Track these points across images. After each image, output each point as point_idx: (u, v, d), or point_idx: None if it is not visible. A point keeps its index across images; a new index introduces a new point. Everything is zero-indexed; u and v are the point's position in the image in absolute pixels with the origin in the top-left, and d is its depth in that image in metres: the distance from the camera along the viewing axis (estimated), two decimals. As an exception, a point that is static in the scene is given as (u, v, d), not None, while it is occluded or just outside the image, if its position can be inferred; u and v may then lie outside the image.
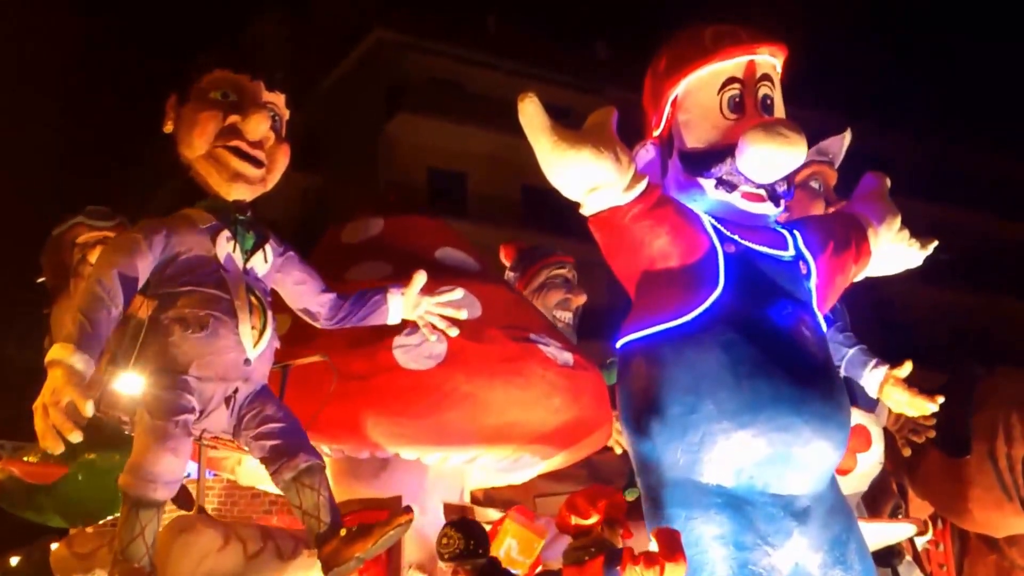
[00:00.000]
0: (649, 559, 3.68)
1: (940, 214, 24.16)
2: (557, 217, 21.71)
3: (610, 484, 5.07)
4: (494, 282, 5.51)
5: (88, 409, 3.31)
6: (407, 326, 4.59)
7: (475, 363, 4.78)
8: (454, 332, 4.16)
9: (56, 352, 3.39)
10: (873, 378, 4.77)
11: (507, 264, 6.82)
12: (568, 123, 4.32)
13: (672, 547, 3.72)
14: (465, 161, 24.01)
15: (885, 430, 5.45)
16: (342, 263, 5.17)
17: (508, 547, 4.70)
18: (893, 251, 4.84)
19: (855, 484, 5.23)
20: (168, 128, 3.98)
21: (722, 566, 4.01)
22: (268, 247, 3.98)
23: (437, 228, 5.79)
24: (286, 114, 4.07)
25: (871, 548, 4.50)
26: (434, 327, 4.14)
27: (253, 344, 3.79)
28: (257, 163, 3.92)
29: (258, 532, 4.04)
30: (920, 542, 5.87)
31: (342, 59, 25.97)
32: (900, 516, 5.73)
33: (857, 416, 4.76)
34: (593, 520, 3.97)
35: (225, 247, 3.83)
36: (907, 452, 5.42)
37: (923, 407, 4.70)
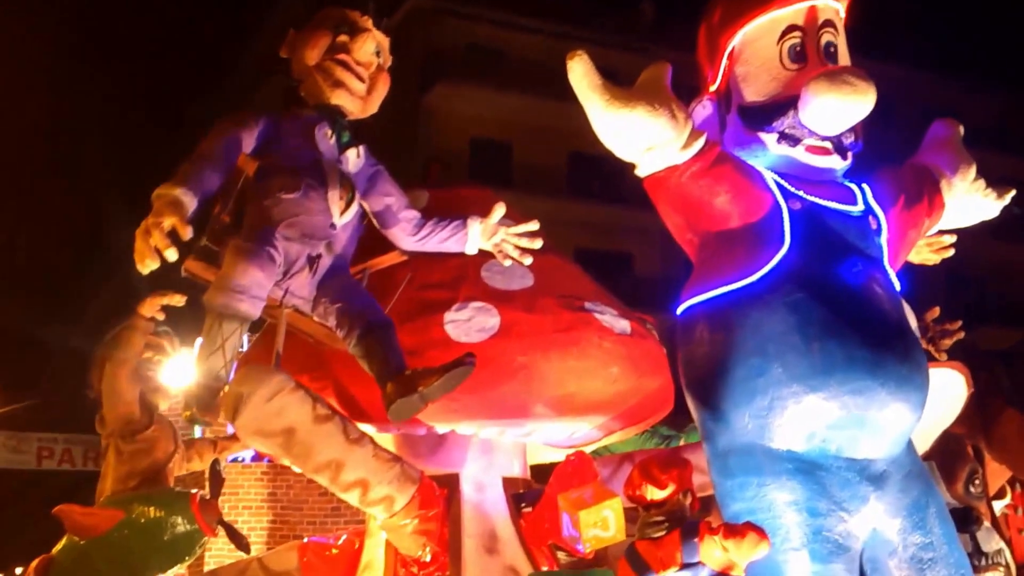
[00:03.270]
0: (730, 529, 3.53)
1: (1012, 166, 23.32)
2: (606, 184, 21.64)
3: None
4: (545, 251, 5.38)
5: (188, 233, 3.64)
6: (456, 302, 4.64)
7: (529, 334, 4.68)
8: (528, 260, 4.42)
9: (161, 188, 3.72)
10: None
11: None
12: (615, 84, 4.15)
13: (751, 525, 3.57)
14: (509, 130, 23.67)
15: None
16: (388, 241, 5.07)
17: (563, 524, 4.52)
18: (968, 202, 4.66)
19: None
20: (284, 53, 4.43)
21: (796, 532, 3.89)
22: (362, 148, 4.37)
23: (485, 198, 5.64)
24: (389, 58, 4.53)
25: None
26: (508, 255, 4.39)
27: (340, 213, 4.15)
28: (360, 78, 4.36)
29: (328, 405, 4.18)
30: (999, 507, 5.69)
31: (376, 30, 25.72)
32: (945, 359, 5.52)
33: None
34: (669, 491, 3.82)
35: (323, 133, 4.24)
36: (943, 357, 5.36)
37: (941, 241, 4.92)
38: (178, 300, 4.62)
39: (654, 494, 3.86)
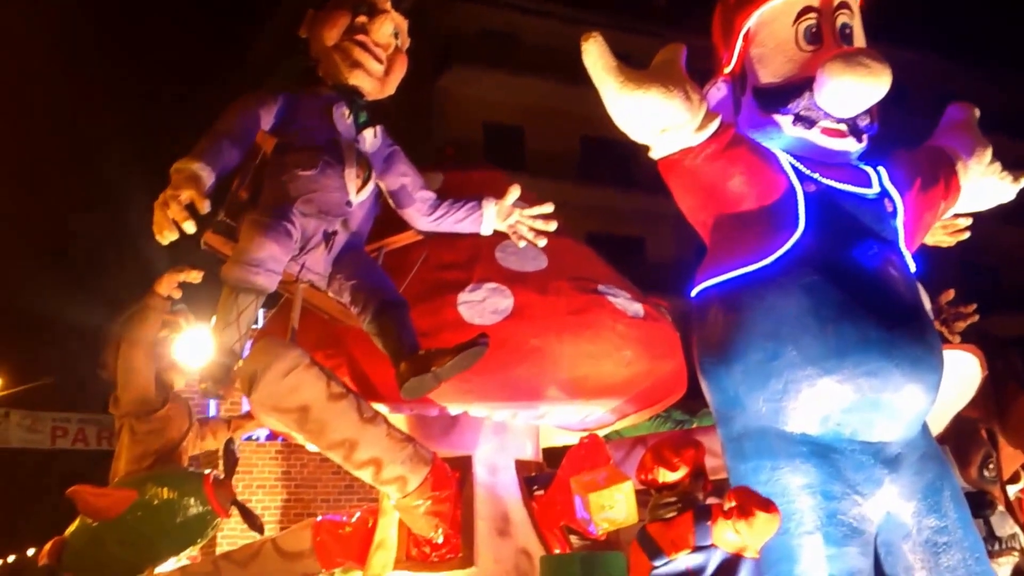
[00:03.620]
0: (741, 511, 3.52)
1: (1027, 152, 23.12)
2: (619, 168, 21.56)
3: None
4: (559, 233, 5.37)
5: (206, 207, 3.69)
6: (470, 282, 4.61)
7: (542, 316, 4.66)
8: (542, 242, 4.47)
9: (179, 162, 3.77)
10: None
11: None
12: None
13: (761, 499, 3.56)
14: (522, 114, 23.62)
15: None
16: (403, 221, 5.06)
17: (575, 507, 4.52)
18: (984, 185, 4.65)
19: None
20: (303, 33, 4.47)
21: (810, 516, 3.89)
22: (379, 128, 4.41)
23: (498, 180, 5.64)
24: (407, 40, 4.57)
25: None
26: (523, 237, 4.44)
27: (356, 191, 4.20)
28: (378, 59, 4.40)
29: (343, 384, 4.21)
30: (1013, 491, 5.66)
31: (391, 14, 25.64)
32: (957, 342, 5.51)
33: None
34: (681, 473, 3.82)
35: (340, 113, 4.29)
36: (956, 340, 5.36)
37: (956, 224, 4.93)
38: (195, 276, 4.63)
39: (666, 476, 3.85)
